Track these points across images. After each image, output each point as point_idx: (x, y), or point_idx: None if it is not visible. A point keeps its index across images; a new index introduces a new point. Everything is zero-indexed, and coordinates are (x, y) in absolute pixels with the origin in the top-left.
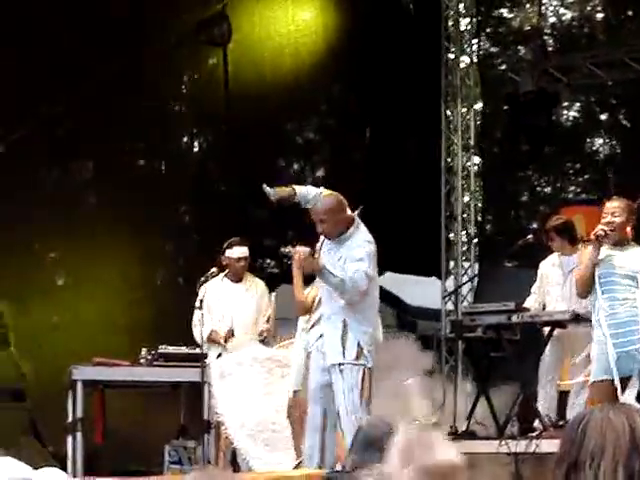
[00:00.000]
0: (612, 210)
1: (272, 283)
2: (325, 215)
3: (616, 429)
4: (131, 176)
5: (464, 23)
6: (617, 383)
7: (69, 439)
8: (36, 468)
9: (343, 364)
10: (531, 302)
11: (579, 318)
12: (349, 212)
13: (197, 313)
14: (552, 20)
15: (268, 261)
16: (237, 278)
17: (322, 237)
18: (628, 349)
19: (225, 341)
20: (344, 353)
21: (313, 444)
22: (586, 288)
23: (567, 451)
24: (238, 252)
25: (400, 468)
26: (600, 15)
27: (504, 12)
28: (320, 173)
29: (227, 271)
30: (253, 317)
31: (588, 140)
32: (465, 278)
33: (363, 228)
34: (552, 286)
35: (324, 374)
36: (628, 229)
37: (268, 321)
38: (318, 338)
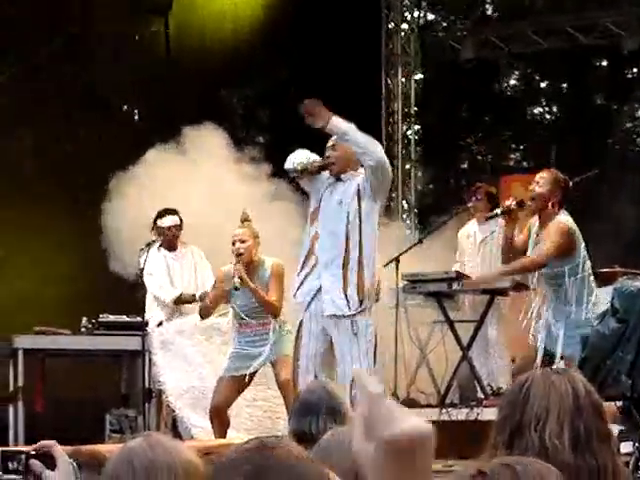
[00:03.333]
0: (537, 179)
1: None
2: (335, 141)
3: (559, 391)
4: (69, 146)
5: None
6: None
7: (10, 408)
8: None
9: (348, 316)
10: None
11: (520, 286)
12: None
13: (147, 280)
14: None
15: None
16: (171, 246)
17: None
18: None
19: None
20: (348, 304)
21: None
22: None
23: (509, 415)
24: (169, 221)
25: (364, 444)
26: None
27: None
28: (259, 140)
29: (161, 241)
30: (191, 285)
31: (528, 108)
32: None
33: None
34: (466, 255)
35: (317, 341)
36: (550, 203)
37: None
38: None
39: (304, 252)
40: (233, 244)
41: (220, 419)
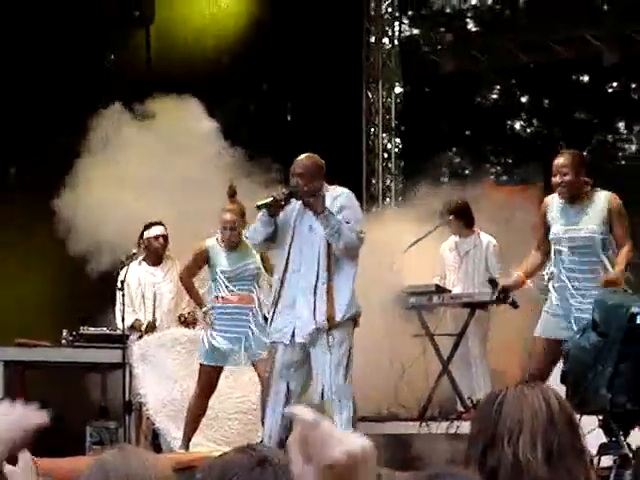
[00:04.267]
0: (559, 170)
1: None
2: (302, 170)
3: (532, 405)
4: (48, 154)
5: (385, 5)
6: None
7: None
8: None
9: (324, 330)
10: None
11: (499, 300)
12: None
13: (118, 295)
14: (474, 2)
15: None
16: (156, 260)
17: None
18: None
19: (145, 332)
20: (323, 321)
21: (272, 423)
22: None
23: (482, 429)
24: (155, 231)
25: (304, 468)
26: None
27: None
28: (241, 153)
29: (144, 255)
30: (172, 301)
31: (509, 122)
32: None
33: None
34: (449, 269)
35: (288, 352)
36: (583, 180)
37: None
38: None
39: (276, 286)
40: (224, 228)
41: (200, 406)
